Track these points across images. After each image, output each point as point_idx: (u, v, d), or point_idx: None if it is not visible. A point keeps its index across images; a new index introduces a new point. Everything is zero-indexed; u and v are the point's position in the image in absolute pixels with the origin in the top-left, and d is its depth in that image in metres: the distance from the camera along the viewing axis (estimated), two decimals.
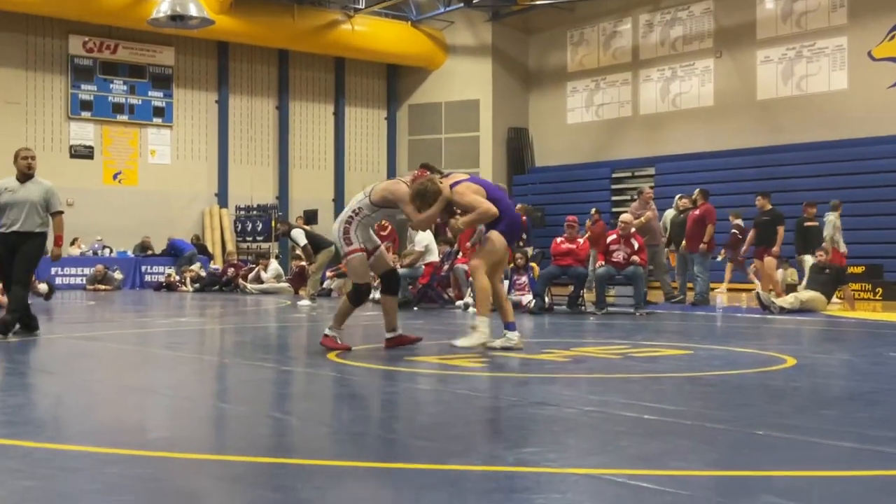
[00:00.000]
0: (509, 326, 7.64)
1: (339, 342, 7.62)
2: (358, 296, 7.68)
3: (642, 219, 15.41)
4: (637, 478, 3.34)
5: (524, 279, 14.26)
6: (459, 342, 7.51)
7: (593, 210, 18.72)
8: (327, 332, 7.67)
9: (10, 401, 5.38)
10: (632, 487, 3.23)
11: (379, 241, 7.90)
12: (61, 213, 9.14)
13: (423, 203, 7.27)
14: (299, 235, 16.60)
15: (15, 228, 8.87)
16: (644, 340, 9.01)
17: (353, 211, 7.55)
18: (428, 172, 7.57)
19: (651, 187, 19.49)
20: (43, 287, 16.61)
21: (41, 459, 3.67)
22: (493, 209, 7.39)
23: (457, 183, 7.51)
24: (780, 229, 15.27)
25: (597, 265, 13.82)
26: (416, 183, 7.32)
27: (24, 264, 8.89)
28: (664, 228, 16.68)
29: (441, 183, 7.35)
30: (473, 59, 28.18)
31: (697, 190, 16.00)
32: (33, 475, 3.39)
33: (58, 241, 9.19)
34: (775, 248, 15.22)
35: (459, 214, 7.53)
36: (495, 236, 7.56)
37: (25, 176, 9.00)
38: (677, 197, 16.96)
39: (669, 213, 17.03)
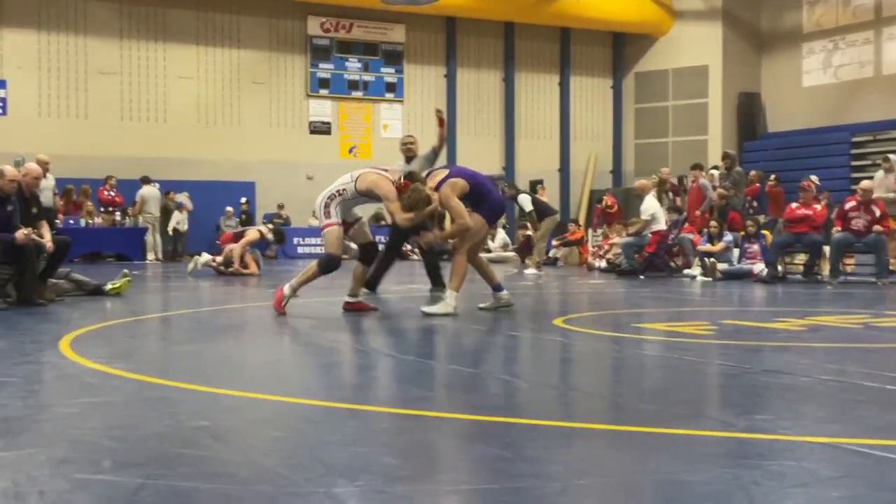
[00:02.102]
0: (496, 288, 8.31)
1: (284, 306, 7.94)
2: (329, 265, 8.06)
3: None
4: (878, 448, 3.20)
5: (755, 247, 13.80)
6: (426, 309, 7.94)
7: (773, 177, 18.02)
8: (285, 289, 7.97)
9: (263, 358, 5.78)
10: (872, 457, 3.11)
11: (360, 216, 8.35)
12: None
13: (413, 210, 7.71)
14: (525, 201, 16.67)
15: None
16: (888, 310, 8.56)
17: (338, 190, 7.93)
18: (411, 183, 7.80)
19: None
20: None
21: (290, 412, 3.93)
22: (469, 223, 7.91)
23: (442, 182, 7.89)
24: None
25: (833, 230, 13.15)
26: (408, 193, 7.66)
27: (394, 233, 10.94)
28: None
29: (428, 190, 7.75)
30: (702, 24, 27.34)
31: None
32: (282, 426, 3.64)
33: None
34: None
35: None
36: (476, 219, 8.03)
37: (407, 158, 10.66)
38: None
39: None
